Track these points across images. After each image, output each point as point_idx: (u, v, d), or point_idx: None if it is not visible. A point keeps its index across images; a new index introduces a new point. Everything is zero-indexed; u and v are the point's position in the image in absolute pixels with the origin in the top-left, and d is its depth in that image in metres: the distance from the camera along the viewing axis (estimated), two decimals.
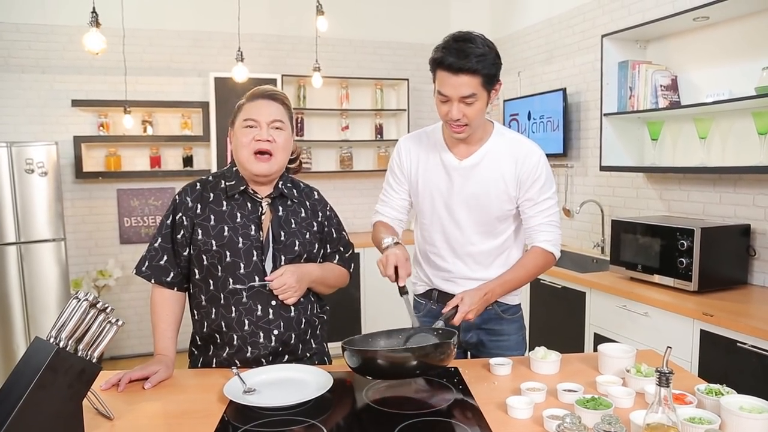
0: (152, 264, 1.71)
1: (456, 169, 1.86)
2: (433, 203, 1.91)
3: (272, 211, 1.75)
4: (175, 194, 1.76)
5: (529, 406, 1.35)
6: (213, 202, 1.71)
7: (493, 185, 1.84)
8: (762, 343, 2.14)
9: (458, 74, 1.65)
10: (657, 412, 1.10)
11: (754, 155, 2.74)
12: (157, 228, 1.75)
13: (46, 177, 3.91)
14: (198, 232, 1.69)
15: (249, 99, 1.72)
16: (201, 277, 1.71)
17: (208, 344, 1.74)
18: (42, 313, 4.00)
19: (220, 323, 1.69)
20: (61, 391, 1.28)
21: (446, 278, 1.96)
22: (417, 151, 1.93)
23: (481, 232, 1.89)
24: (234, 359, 1.69)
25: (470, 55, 1.64)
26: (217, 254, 1.67)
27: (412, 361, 1.40)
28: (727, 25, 2.92)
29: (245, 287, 1.68)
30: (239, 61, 3.86)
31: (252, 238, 1.70)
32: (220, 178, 1.77)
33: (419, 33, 5.45)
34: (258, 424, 1.34)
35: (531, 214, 1.85)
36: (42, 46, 4.51)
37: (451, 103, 1.70)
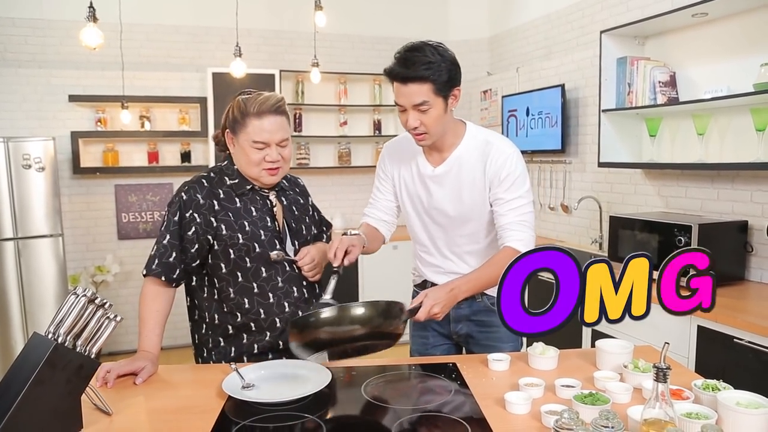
0: (162, 261, 1.71)
1: (430, 177, 1.89)
2: (415, 209, 1.96)
3: (280, 203, 1.84)
4: (180, 192, 1.75)
5: (527, 401, 1.35)
6: (225, 199, 1.75)
7: (466, 190, 1.85)
8: (759, 338, 2.15)
9: (406, 83, 1.68)
10: (654, 408, 1.11)
11: (752, 151, 2.74)
12: (164, 226, 1.74)
13: (43, 172, 3.90)
14: (221, 228, 1.72)
15: (256, 115, 1.69)
16: (228, 270, 1.74)
17: (241, 333, 1.77)
18: (40, 308, 4.00)
19: (258, 310, 1.75)
20: (59, 387, 1.28)
21: (437, 272, 2.01)
22: (398, 157, 1.97)
23: (464, 234, 1.92)
24: (277, 341, 1.76)
25: (416, 63, 1.66)
26: (245, 247, 1.72)
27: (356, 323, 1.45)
28: (726, 22, 2.92)
29: (280, 273, 1.76)
30: (237, 57, 3.85)
31: (270, 229, 1.77)
32: (221, 175, 1.79)
33: (418, 29, 5.42)
34: (257, 419, 1.34)
35: (501, 212, 1.82)
36: (39, 41, 4.49)
37: (407, 112, 1.72)
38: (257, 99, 1.72)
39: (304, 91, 5.04)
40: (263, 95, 1.74)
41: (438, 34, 5.50)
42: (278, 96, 1.75)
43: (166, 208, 1.79)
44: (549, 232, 4.40)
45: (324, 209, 5.70)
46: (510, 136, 4.61)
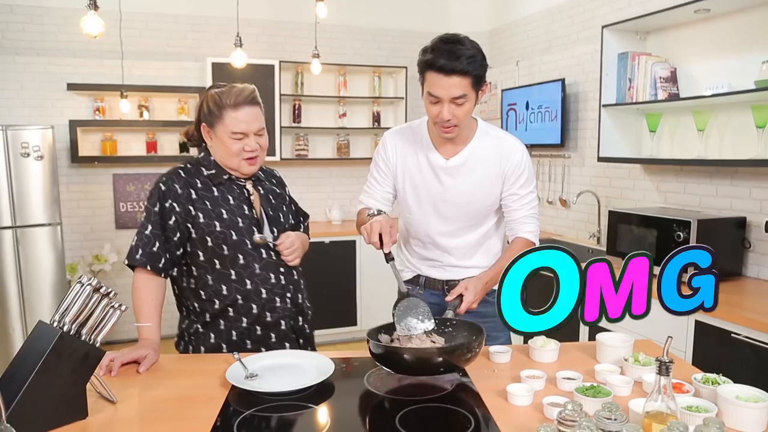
0: (146, 251, 1.74)
1: (442, 169, 1.90)
2: (419, 200, 1.95)
3: (256, 191, 1.87)
4: (158, 184, 1.78)
5: (529, 393, 1.37)
6: (203, 189, 1.79)
7: (478, 183, 1.89)
8: (756, 334, 2.17)
9: (450, 76, 1.67)
10: (656, 401, 1.12)
11: (751, 148, 2.75)
12: (145, 217, 1.77)
13: (41, 161, 3.89)
14: (199, 216, 1.76)
15: (233, 107, 1.73)
16: (206, 258, 1.78)
17: (218, 320, 1.80)
18: (38, 297, 4.00)
19: (236, 297, 1.78)
20: (65, 375, 1.29)
21: (432, 265, 2.02)
22: (403, 147, 1.96)
23: (465, 226, 1.95)
24: (254, 327, 1.80)
25: (461, 57, 1.67)
26: (222, 234, 1.76)
27: (437, 358, 1.43)
28: (728, 18, 2.93)
29: (258, 259, 1.78)
30: (238, 47, 3.83)
31: (248, 217, 1.80)
32: (197, 165, 1.83)
33: (418, 21, 5.42)
34: (260, 409, 1.35)
35: (515, 207, 1.92)
36: (36, 28, 4.46)
37: (441, 104, 1.72)
38: (232, 91, 1.75)
39: (303, 82, 5.02)
40: (237, 87, 1.76)
41: (438, 27, 5.46)
42: (251, 87, 1.79)
43: (145, 201, 1.82)
44: (547, 226, 4.41)
45: (322, 200, 5.72)
46: (509, 129, 4.62)
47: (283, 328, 1.83)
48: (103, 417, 1.33)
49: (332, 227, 5.04)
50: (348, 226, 4.99)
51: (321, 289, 4.71)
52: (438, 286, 2.01)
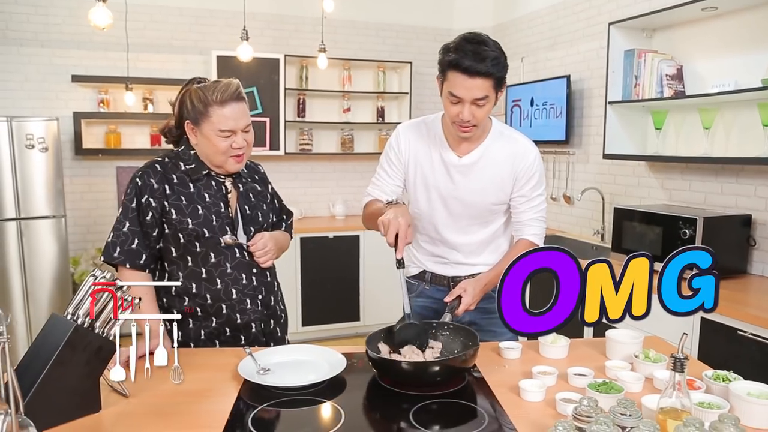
0: (124, 249, 1.71)
1: (455, 166, 1.89)
2: (429, 196, 1.94)
3: (235, 189, 1.83)
4: (135, 178, 1.74)
5: (542, 389, 1.37)
6: (179, 184, 1.75)
7: (490, 182, 1.89)
8: (762, 331, 2.18)
9: (473, 77, 1.66)
10: (671, 397, 1.13)
11: (757, 146, 2.76)
12: (121, 213, 1.73)
13: (46, 153, 3.88)
14: (172, 212, 1.73)
15: (218, 104, 1.68)
16: (178, 254, 1.75)
17: (186, 319, 1.77)
18: (41, 289, 4.00)
19: (205, 296, 1.76)
20: (79, 368, 1.29)
21: (439, 262, 2.01)
22: (416, 142, 1.94)
23: (474, 224, 1.95)
24: (224, 327, 1.78)
25: (486, 59, 1.65)
26: (194, 232, 1.73)
27: (434, 367, 1.45)
28: (735, 16, 2.92)
29: (229, 259, 1.76)
30: (244, 40, 3.83)
31: (222, 215, 1.78)
32: (176, 159, 1.79)
33: (422, 16, 5.41)
34: (274, 403, 1.36)
35: (523, 209, 1.92)
36: (41, 19, 4.45)
37: (462, 104, 1.71)
38: (217, 87, 1.70)
39: (308, 77, 5.01)
40: (221, 83, 1.72)
41: (443, 22, 5.49)
42: (236, 81, 1.74)
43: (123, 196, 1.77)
44: (551, 222, 4.42)
45: (326, 195, 5.72)
46: (513, 125, 4.61)
47: (253, 331, 1.80)
48: (117, 410, 1.34)
49: (336, 222, 5.04)
50: (351, 221, 4.99)
51: (324, 284, 4.72)
52: (444, 282, 2.01)
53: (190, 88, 1.75)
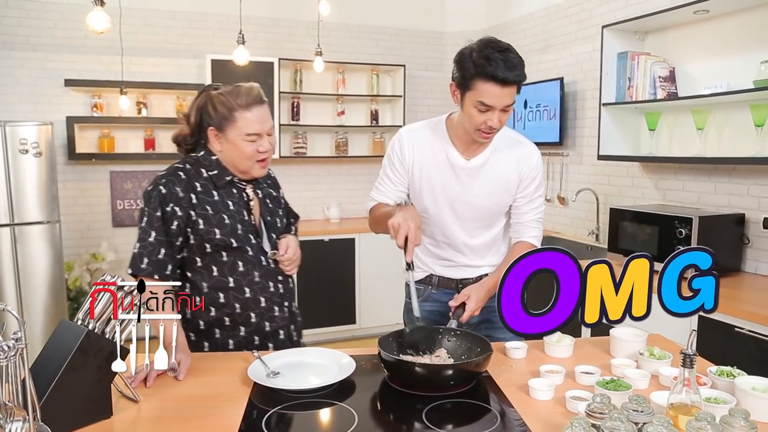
0: (152, 259, 1.66)
1: (463, 169, 1.89)
2: (436, 200, 1.93)
3: (256, 196, 1.83)
4: (158, 186, 1.70)
5: (551, 387, 1.39)
6: (203, 192, 1.73)
7: (497, 184, 1.91)
8: (759, 327, 2.22)
9: (506, 86, 1.67)
10: (681, 393, 1.15)
11: (749, 146, 2.80)
12: (146, 222, 1.68)
13: (40, 158, 3.85)
14: (199, 221, 1.70)
15: (244, 108, 1.68)
16: (203, 264, 1.73)
17: (213, 329, 1.76)
18: (35, 295, 3.96)
19: (234, 305, 1.74)
20: (91, 373, 1.29)
21: (445, 265, 2.02)
22: (421, 144, 1.92)
23: (480, 226, 1.97)
24: (253, 336, 1.77)
25: (516, 66, 1.67)
26: (222, 242, 1.71)
27: (448, 371, 1.46)
28: (727, 19, 2.97)
29: (257, 267, 1.75)
30: (240, 44, 3.83)
31: (246, 223, 1.77)
32: (197, 166, 1.75)
33: (415, 19, 5.44)
34: (286, 406, 1.36)
35: (524, 210, 1.96)
36: (32, 23, 4.42)
37: (492, 112, 1.71)
38: (241, 92, 1.69)
39: (302, 80, 5.02)
40: (244, 87, 1.71)
41: (435, 25, 5.52)
42: (257, 85, 1.74)
43: (143, 204, 1.73)
44: (546, 223, 4.39)
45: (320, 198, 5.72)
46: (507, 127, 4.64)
47: (281, 338, 1.82)
48: (128, 416, 1.33)
49: (330, 225, 5.04)
50: (346, 224, 5.00)
51: (320, 288, 4.72)
52: (452, 285, 2.01)
53: (210, 94, 1.72)
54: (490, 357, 1.50)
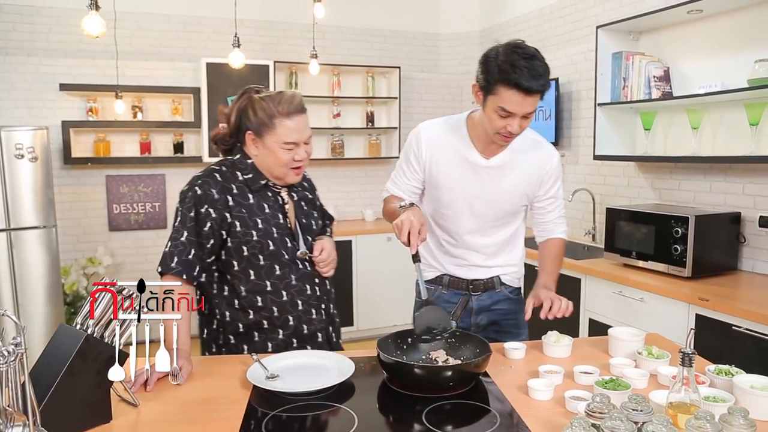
0: (181, 259, 1.67)
1: (483, 168, 1.89)
2: (453, 197, 1.93)
3: (291, 199, 1.82)
4: (194, 187, 1.71)
5: (550, 388, 1.40)
6: (239, 195, 1.73)
7: (516, 184, 1.91)
8: (756, 326, 2.23)
9: (529, 95, 1.65)
10: (680, 392, 1.16)
11: (744, 145, 2.82)
12: (179, 222, 1.70)
13: (36, 162, 3.84)
14: (236, 224, 1.70)
15: (284, 115, 1.67)
16: (240, 268, 1.73)
17: (252, 332, 1.77)
18: (31, 300, 3.94)
19: (272, 308, 1.75)
20: (90, 378, 1.29)
21: (458, 264, 2.01)
22: (440, 143, 1.91)
23: (496, 225, 1.97)
24: (291, 339, 1.77)
25: (541, 75, 1.65)
26: (258, 244, 1.71)
27: (447, 372, 1.46)
28: (720, 18, 2.99)
29: (294, 270, 1.75)
30: (236, 47, 3.83)
31: (282, 227, 1.76)
32: (233, 169, 1.76)
33: (410, 21, 5.45)
34: (285, 409, 1.36)
35: (550, 209, 1.99)
36: (27, 27, 4.41)
37: (513, 118, 1.70)
38: (283, 99, 1.68)
39: (297, 83, 5.02)
40: (286, 94, 1.70)
41: (430, 27, 5.53)
42: (298, 93, 1.73)
43: (177, 204, 1.74)
44: None
45: None
46: None
47: (319, 341, 1.82)
48: (127, 421, 1.33)
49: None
50: (343, 227, 4.99)
51: None
52: (462, 286, 2.00)
53: (251, 98, 1.71)
54: (489, 358, 1.50)
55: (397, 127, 5.21)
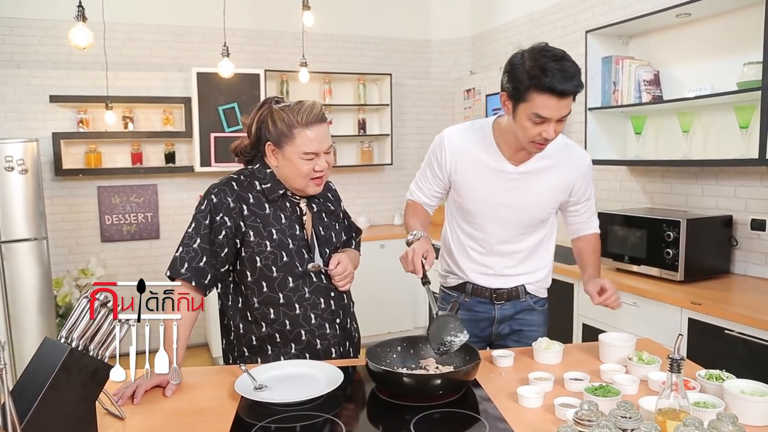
0: (192, 265, 1.65)
1: (510, 174, 1.84)
2: (481, 204, 1.89)
3: (310, 210, 1.79)
4: (210, 195, 1.70)
5: (539, 395, 1.39)
6: (255, 205, 1.71)
7: (545, 191, 1.86)
8: (749, 329, 2.22)
9: (563, 98, 1.60)
10: (669, 398, 1.15)
11: (735, 148, 2.82)
12: (193, 229, 1.68)
13: (26, 174, 3.82)
14: (249, 233, 1.69)
15: (304, 125, 1.64)
16: (253, 279, 1.71)
17: (265, 345, 1.74)
18: (23, 313, 3.91)
19: (284, 321, 1.72)
20: (74, 392, 1.27)
21: (483, 272, 1.97)
22: (466, 149, 1.87)
23: (523, 233, 1.93)
24: (304, 354, 1.74)
25: (574, 77, 1.59)
26: (272, 255, 1.69)
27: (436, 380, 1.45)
28: (709, 22, 3.00)
29: (307, 283, 1.72)
30: (225, 57, 3.83)
31: (298, 238, 1.73)
32: (251, 178, 1.75)
33: (401, 28, 5.46)
34: (273, 420, 1.35)
35: (583, 210, 1.97)
36: (17, 40, 4.40)
37: (548, 123, 1.64)
38: (302, 109, 1.65)
39: (288, 91, 5.01)
40: (306, 104, 1.67)
41: (421, 33, 5.54)
42: (318, 102, 1.70)
43: (194, 211, 1.72)
44: None
45: None
46: None
47: (333, 356, 1.77)
48: None
49: None
50: None
51: None
52: (485, 294, 1.97)
53: (271, 108, 1.70)
54: (479, 366, 1.49)
55: (389, 134, 5.21)
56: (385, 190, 5.44)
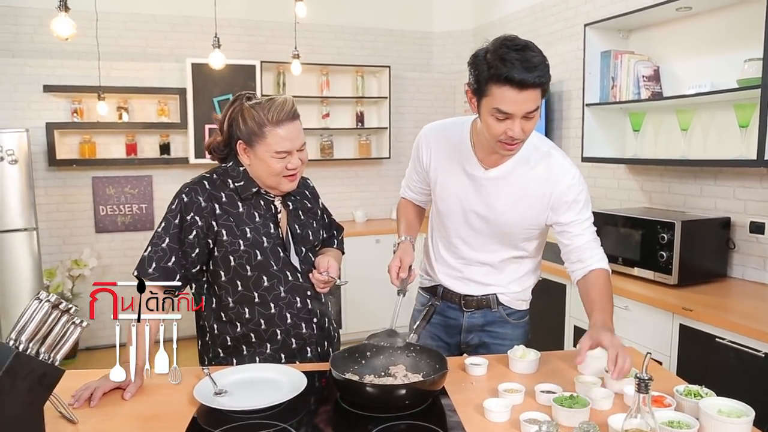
0: (160, 265, 1.61)
1: (479, 179, 1.72)
2: (449, 206, 1.81)
3: (285, 208, 1.76)
4: (181, 194, 1.67)
5: (507, 408, 1.32)
6: (228, 204, 1.68)
7: (516, 202, 1.71)
8: (740, 338, 2.14)
9: (525, 90, 1.46)
10: (636, 418, 1.08)
11: (735, 147, 2.73)
12: (162, 228, 1.64)
13: (16, 165, 3.80)
14: (222, 233, 1.65)
15: (274, 124, 1.60)
16: (228, 278, 1.68)
17: (240, 345, 1.72)
18: (14, 304, 3.90)
19: (259, 321, 1.70)
20: (20, 397, 1.22)
21: (453, 276, 1.88)
22: (439, 147, 1.79)
23: (495, 243, 1.80)
24: (279, 354, 1.72)
25: (536, 67, 1.46)
26: (246, 254, 1.66)
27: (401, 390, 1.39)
28: (710, 16, 2.90)
29: (283, 282, 1.70)
30: (216, 48, 3.77)
31: (273, 236, 1.70)
32: (224, 176, 1.71)
33: (400, 19, 5.37)
34: (228, 428, 1.30)
35: (577, 232, 1.71)
36: (11, 29, 4.36)
37: (513, 120, 1.50)
38: (273, 106, 1.61)
39: (285, 83, 4.95)
40: (277, 101, 1.62)
41: (422, 25, 5.45)
42: (290, 99, 1.65)
43: (165, 211, 1.69)
44: None
45: None
46: None
47: (309, 355, 1.75)
48: None
49: None
50: None
51: None
52: (455, 300, 1.88)
53: (242, 105, 1.65)
54: (446, 376, 1.42)
55: (387, 128, 5.13)
56: (383, 183, 5.37)
